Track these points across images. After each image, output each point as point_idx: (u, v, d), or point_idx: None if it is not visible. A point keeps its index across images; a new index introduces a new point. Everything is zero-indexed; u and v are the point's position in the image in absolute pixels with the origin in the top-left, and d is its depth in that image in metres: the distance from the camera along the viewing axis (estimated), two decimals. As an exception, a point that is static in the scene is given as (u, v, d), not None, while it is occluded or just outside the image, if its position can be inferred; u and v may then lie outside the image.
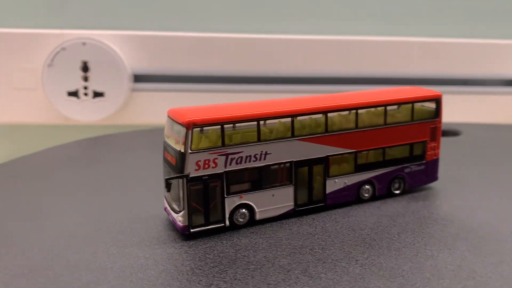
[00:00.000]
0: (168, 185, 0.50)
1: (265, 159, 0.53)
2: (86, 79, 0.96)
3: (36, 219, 0.56)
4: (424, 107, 0.62)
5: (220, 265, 0.45)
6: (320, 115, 0.55)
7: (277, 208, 0.54)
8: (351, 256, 0.46)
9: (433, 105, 0.62)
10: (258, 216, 0.54)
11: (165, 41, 0.98)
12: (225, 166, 0.51)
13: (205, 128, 0.50)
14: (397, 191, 0.61)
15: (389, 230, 0.52)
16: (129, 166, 0.75)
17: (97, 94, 0.97)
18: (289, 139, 0.54)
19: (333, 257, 0.46)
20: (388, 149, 0.60)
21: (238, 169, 0.52)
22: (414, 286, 0.41)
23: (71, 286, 0.42)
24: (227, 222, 0.52)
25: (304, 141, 0.55)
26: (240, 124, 0.52)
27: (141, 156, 0.80)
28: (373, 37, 1.02)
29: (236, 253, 0.47)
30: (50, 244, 0.49)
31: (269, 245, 0.49)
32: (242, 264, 0.45)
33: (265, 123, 0.53)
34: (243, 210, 0.53)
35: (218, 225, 0.52)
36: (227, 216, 0.52)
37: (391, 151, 0.60)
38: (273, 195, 0.54)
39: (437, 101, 0.62)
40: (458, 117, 1.05)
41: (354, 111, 0.57)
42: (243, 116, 0.51)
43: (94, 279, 0.43)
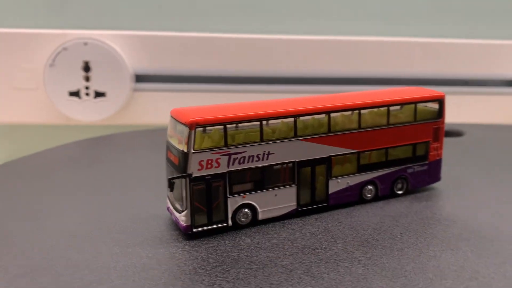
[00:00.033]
0: (171, 185, 0.50)
1: (268, 159, 0.53)
2: (88, 79, 0.96)
3: (37, 219, 0.56)
4: (427, 108, 0.62)
5: (223, 265, 0.45)
6: (323, 115, 0.55)
7: (280, 208, 0.54)
8: (354, 256, 0.46)
9: (436, 106, 0.62)
10: (261, 216, 0.54)
11: (167, 41, 0.98)
12: (228, 166, 0.51)
13: (208, 128, 0.50)
14: (400, 192, 0.61)
15: (392, 231, 0.52)
16: (131, 166, 0.75)
17: (99, 94, 0.97)
18: (292, 139, 0.54)
19: (336, 257, 0.46)
20: (391, 150, 0.60)
21: (241, 169, 0.52)
22: (417, 287, 0.41)
23: (73, 286, 0.42)
24: (230, 222, 0.52)
25: (307, 141, 0.55)
26: (243, 124, 0.52)
27: (143, 156, 0.80)
28: (374, 38, 1.02)
29: (239, 253, 0.47)
30: (52, 244, 0.50)
31: (272, 245, 0.49)
32: (245, 264, 0.45)
33: (268, 123, 0.53)
34: (246, 210, 0.53)
35: (221, 225, 0.52)
36: (230, 216, 0.52)
37: (394, 152, 0.60)
38: (276, 195, 0.54)
39: (440, 102, 0.62)
40: (461, 118, 1.05)
41: (357, 111, 0.57)
42: (246, 116, 0.51)
43: (97, 279, 0.43)
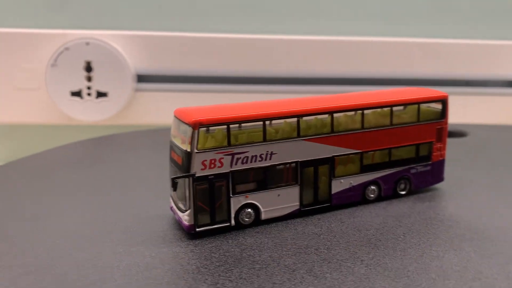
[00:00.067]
0: (175, 185, 0.50)
1: (271, 159, 0.53)
2: (90, 79, 0.96)
3: (40, 219, 0.56)
4: (430, 108, 0.62)
5: (226, 264, 0.45)
6: (326, 116, 0.55)
7: (283, 208, 0.55)
8: (357, 256, 0.46)
9: (439, 106, 0.62)
10: (264, 216, 0.54)
11: (169, 42, 0.98)
12: (231, 166, 0.51)
13: (211, 128, 0.50)
14: (403, 192, 0.61)
15: (395, 231, 0.52)
16: (133, 166, 0.76)
17: (100, 94, 0.97)
18: (295, 139, 0.54)
19: (339, 257, 0.46)
20: (394, 150, 0.60)
21: (244, 169, 0.52)
22: (420, 287, 0.41)
23: (78, 284, 0.42)
24: (233, 222, 0.52)
25: (310, 141, 0.55)
26: (246, 124, 0.52)
27: (145, 156, 0.80)
28: (375, 38, 1.02)
29: (242, 253, 0.47)
30: (56, 243, 0.50)
31: (275, 245, 0.49)
32: (248, 264, 0.45)
33: (271, 123, 0.53)
34: (249, 210, 0.53)
35: (224, 225, 0.52)
36: (233, 216, 0.52)
37: (397, 152, 0.60)
38: (279, 195, 0.54)
39: (443, 102, 0.62)
40: (465, 118, 1.05)
41: (360, 112, 0.57)
42: (249, 116, 0.51)
43: (101, 278, 0.43)
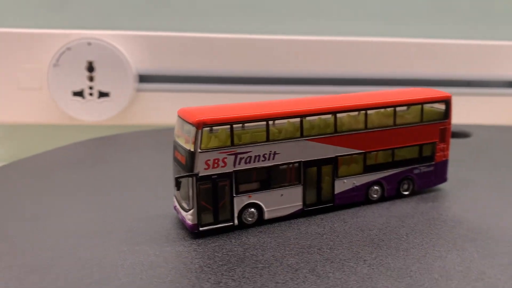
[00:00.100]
0: (178, 184, 0.51)
1: (274, 159, 0.53)
2: (92, 79, 0.96)
3: (44, 219, 0.56)
4: (434, 109, 0.62)
5: (229, 264, 0.45)
6: (329, 116, 0.56)
7: (286, 208, 0.55)
8: (359, 256, 0.46)
9: (443, 107, 0.62)
10: (267, 216, 0.54)
11: (170, 42, 0.98)
12: (234, 166, 0.51)
13: (215, 128, 0.51)
14: (406, 192, 0.61)
15: (398, 231, 0.52)
16: (136, 166, 0.76)
17: (102, 94, 0.97)
18: (298, 139, 0.54)
19: (341, 257, 0.46)
20: (397, 150, 0.60)
21: (247, 169, 0.52)
22: (422, 287, 0.41)
23: (83, 282, 0.42)
24: (236, 221, 0.52)
25: (313, 141, 0.55)
26: (249, 124, 0.52)
27: (148, 156, 0.80)
28: (376, 38, 1.02)
29: (245, 252, 0.48)
30: (60, 242, 0.50)
31: (278, 245, 0.49)
32: (251, 263, 0.45)
33: (274, 123, 0.54)
34: (252, 210, 0.53)
35: (227, 224, 0.52)
36: (236, 215, 0.52)
37: (400, 152, 0.60)
38: (282, 195, 0.54)
39: (447, 103, 0.62)
40: (468, 119, 1.04)
41: (364, 112, 0.57)
42: (253, 116, 0.52)
43: (105, 276, 0.43)
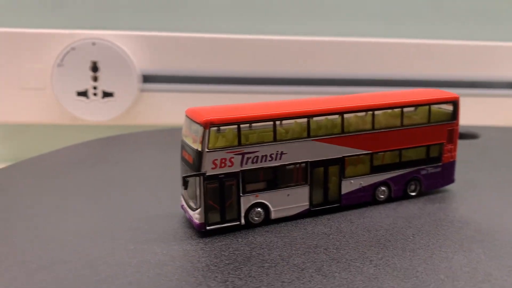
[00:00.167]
0: (185, 183, 0.51)
1: (281, 159, 0.53)
2: (96, 79, 0.96)
3: (53, 217, 0.57)
4: (441, 109, 0.62)
5: (235, 262, 0.46)
6: (337, 116, 0.56)
7: (292, 208, 0.55)
8: (366, 256, 0.47)
9: (450, 107, 0.62)
10: (273, 215, 0.54)
11: (175, 42, 0.98)
12: (241, 165, 0.51)
13: (222, 128, 0.51)
14: (413, 193, 0.61)
15: (404, 232, 0.52)
16: (143, 166, 0.76)
17: (106, 94, 0.97)
18: (305, 140, 0.54)
19: (348, 257, 0.46)
20: (405, 151, 0.60)
21: (254, 169, 0.52)
22: (428, 287, 0.41)
23: (91, 280, 0.43)
24: (243, 221, 0.53)
25: (320, 142, 0.55)
26: (257, 124, 0.53)
27: (154, 156, 0.81)
28: (380, 39, 1.02)
29: (251, 251, 0.48)
30: (70, 240, 0.51)
31: (284, 244, 0.49)
32: (257, 262, 0.46)
33: (281, 123, 0.54)
34: (259, 209, 0.53)
35: (234, 223, 0.52)
36: (243, 215, 0.52)
37: (408, 153, 0.60)
38: (289, 195, 0.54)
39: (455, 103, 0.61)
40: (476, 120, 1.04)
41: (371, 112, 0.57)
42: (260, 116, 0.52)
43: (113, 274, 0.44)
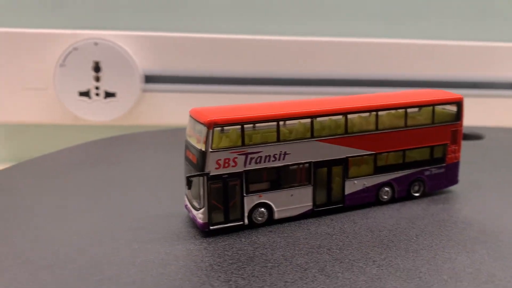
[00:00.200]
0: (189, 183, 0.51)
1: (284, 159, 0.53)
2: (98, 79, 0.96)
3: (57, 216, 0.57)
4: (445, 110, 0.61)
5: (239, 262, 0.46)
6: (340, 117, 0.56)
7: (296, 208, 0.55)
8: (369, 257, 0.47)
9: (454, 108, 0.61)
10: (277, 216, 0.54)
11: (177, 42, 0.98)
12: (245, 165, 0.52)
13: (226, 128, 0.51)
14: (417, 194, 0.61)
15: (408, 232, 0.52)
16: (146, 166, 0.76)
17: (109, 95, 0.97)
18: (309, 140, 0.54)
19: (351, 257, 0.46)
20: (408, 152, 0.60)
21: (258, 169, 0.52)
22: (431, 288, 0.41)
23: (94, 278, 0.43)
24: (246, 221, 0.53)
25: (324, 142, 0.55)
26: (260, 124, 0.53)
27: (155, 157, 0.81)
28: (382, 39, 1.02)
29: (254, 251, 0.48)
30: (73, 239, 0.51)
31: (287, 244, 0.49)
32: (260, 262, 0.46)
33: (285, 124, 0.54)
34: (262, 209, 0.53)
35: (237, 223, 0.52)
36: (246, 215, 0.53)
37: (411, 154, 0.60)
38: (292, 195, 0.55)
39: (459, 104, 0.61)
40: (480, 121, 1.04)
41: (375, 113, 0.57)
42: (263, 117, 0.52)
43: (116, 273, 0.44)
